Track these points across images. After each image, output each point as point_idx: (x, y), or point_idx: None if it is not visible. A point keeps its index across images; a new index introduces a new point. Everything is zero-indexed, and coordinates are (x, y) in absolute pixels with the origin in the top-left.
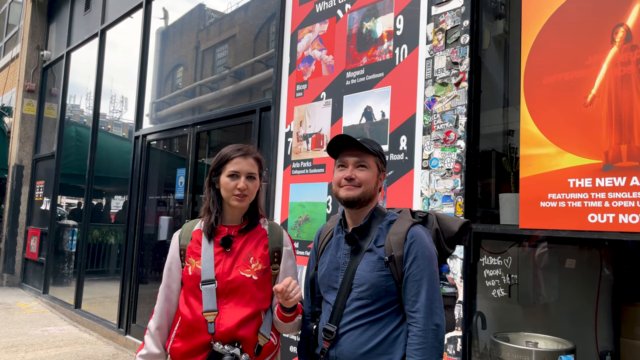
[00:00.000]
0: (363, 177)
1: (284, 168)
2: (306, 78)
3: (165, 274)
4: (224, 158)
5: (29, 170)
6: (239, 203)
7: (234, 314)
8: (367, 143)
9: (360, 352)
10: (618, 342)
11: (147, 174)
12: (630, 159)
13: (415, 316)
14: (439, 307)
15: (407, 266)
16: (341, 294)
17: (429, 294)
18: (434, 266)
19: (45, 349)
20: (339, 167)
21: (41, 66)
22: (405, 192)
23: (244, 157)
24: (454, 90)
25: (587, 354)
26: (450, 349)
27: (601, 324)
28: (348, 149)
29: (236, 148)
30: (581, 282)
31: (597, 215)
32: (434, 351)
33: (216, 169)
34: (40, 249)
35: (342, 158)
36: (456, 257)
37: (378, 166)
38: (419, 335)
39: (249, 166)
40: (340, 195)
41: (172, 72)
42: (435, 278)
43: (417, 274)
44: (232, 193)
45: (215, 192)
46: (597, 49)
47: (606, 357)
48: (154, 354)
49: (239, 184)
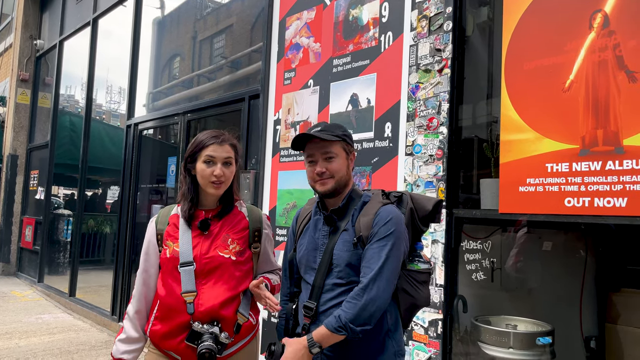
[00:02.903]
0: (333, 167)
1: (273, 155)
2: (294, 66)
3: (142, 258)
4: (200, 144)
5: (23, 160)
6: (216, 190)
7: (213, 294)
8: (328, 131)
9: None
10: (603, 327)
11: (139, 162)
12: (606, 143)
13: (364, 278)
14: (389, 275)
15: (370, 239)
16: (320, 273)
17: (381, 261)
18: (397, 236)
19: (38, 336)
20: (309, 162)
21: (34, 55)
22: (390, 178)
23: (220, 144)
24: (437, 77)
25: (571, 338)
26: (432, 332)
27: (586, 309)
28: (312, 141)
29: (212, 134)
30: (566, 268)
31: (573, 200)
32: (361, 313)
33: (192, 156)
34: (35, 238)
35: (309, 152)
36: (438, 242)
37: (345, 149)
38: (356, 291)
39: (225, 152)
40: (318, 189)
41: (169, 63)
42: (396, 248)
43: (374, 244)
44: (208, 180)
45: (191, 179)
46: (576, 35)
47: (591, 341)
48: (133, 338)
49: (215, 171)
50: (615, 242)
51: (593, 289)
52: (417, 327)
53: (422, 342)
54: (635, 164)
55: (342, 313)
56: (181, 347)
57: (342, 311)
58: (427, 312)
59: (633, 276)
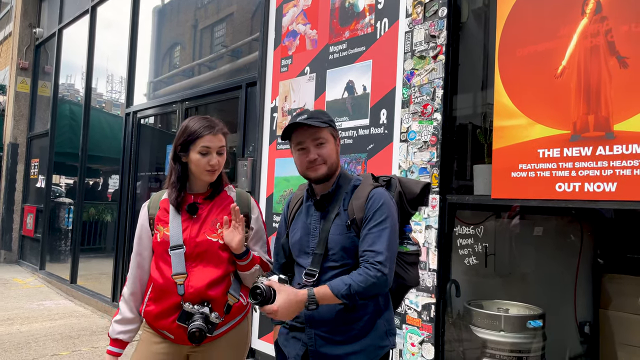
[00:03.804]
0: (325, 153)
1: (270, 143)
2: (291, 53)
3: (136, 242)
4: (194, 134)
5: (23, 149)
6: (211, 177)
7: (202, 276)
8: (316, 117)
9: (337, 309)
10: (597, 313)
11: (138, 151)
12: (596, 129)
13: (372, 259)
14: (391, 255)
15: (366, 223)
16: (316, 258)
17: (385, 243)
18: (392, 220)
19: (40, 322)
20: (299, 150)
21: (34, 44)
22: (385, 165)
23: (214, 134)
24: (431, 63)
25: (566, 324)
26: (425, 316)
27: (581, 295)
28: (300, 128)
29: (204, 124)
30: (560, 253)
31: (564, 185)
32: (370, 287)
33: (184, 145)
34: (37, 226)
35: (299, 139)
36: (431, 227)
37: (333, 134)
38: (369, 268)
39: (219, 142)
40: (310, 176)
41: (169, 51)
42: (394, 232)
43: (373, 228)
44: (204, 169)
45: (181, 167)
46: (569, 21)
47: (585, 327)
48: (128, 318)
49: (211, 161)
50: (609, 228)
51: (589, 275)
52: (411, 311)
53: (415, 325)
54: (625, 149)
55: (353, 284)
56: (173, 327)
57: (352, 281)
58: (420, 296)
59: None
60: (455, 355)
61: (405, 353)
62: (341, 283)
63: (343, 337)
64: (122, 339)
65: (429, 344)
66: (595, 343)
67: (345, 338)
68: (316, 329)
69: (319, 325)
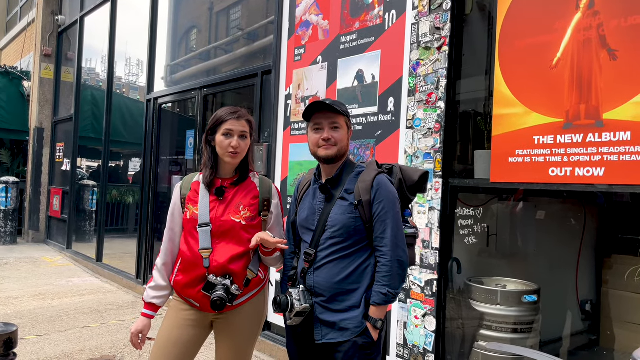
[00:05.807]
0: (338, 136)
1: (284, 129)
2: (304, 42)
3: (169, 218)
4: (220, 119)
5: (49, 133)
6: (232, 159)
7: (225, 252)
8: (336, 105)
9: (334, 281)
10: (599, 292)
11: (159, 136)
12: (587, 117)
13: (383, 250)
14: (402, 242)
15: (375, 209)
16: (316, 233)
17: (393, 232)
18: (397, 208)
19: (70, 297)
20: (315, 129)
21: (57, 31)
22: (392, 150)
23: (238, 119)
24: (436, 54)
25: (569, 302)
26: (427, 291)
27: (583, 274)
28: (321, 112)
29: (230, 111)
30: (563, 235)
31: (556, 169)
32: (398, 278)
33: (212, 129)
34: (63, 207)
35: (317, 120)
36: (434, 209)
37: (347, 124)
38: (386, 265)
39: (241, 126)
40: (320, 154)
41: (186, 35)
42: (398, 218)
43: (383, 215)
44: (226, 150)
45: (211, 150)
46: (564, 15)
47: (586, 305)
48: (161, 286)
49: (232, 142)
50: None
51: (592, 255)
52: (415, 287)
53: (418, 300)
54: (612, 136)
55: (384, 289)
56: (199, 296)
57: (382, 286)
58: (424, 273)
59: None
60: (455, 326)
61: (409, 325)
62: (377, 296)
63: (340, 306)
64: (155, 303)
65: (431, 316)
66: (596, 320)
67: (342, 308)
68: (316, 297)
69: (318, 295)
